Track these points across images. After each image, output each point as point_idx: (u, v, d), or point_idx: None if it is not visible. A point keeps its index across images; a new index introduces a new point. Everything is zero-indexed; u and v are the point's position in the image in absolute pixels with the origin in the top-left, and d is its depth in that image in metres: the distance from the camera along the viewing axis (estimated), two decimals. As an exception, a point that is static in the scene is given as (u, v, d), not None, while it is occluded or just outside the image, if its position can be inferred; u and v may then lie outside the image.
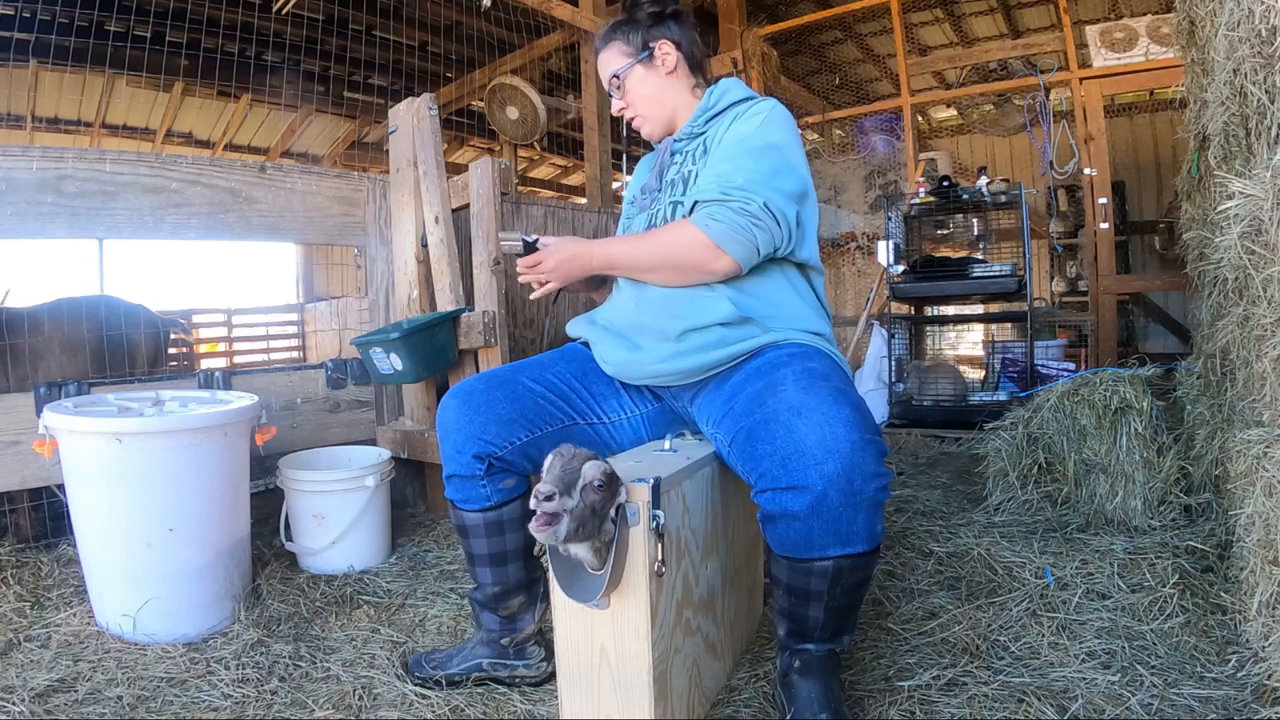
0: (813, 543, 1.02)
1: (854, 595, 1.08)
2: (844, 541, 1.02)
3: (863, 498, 1.00)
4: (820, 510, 1.00)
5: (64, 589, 1.73)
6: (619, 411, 1.38)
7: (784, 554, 1.06)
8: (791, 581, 1.07)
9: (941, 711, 1.18)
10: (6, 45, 4.42)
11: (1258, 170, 1.23)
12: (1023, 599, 1.56)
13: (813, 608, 1.07)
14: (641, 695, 1.05)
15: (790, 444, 1.01)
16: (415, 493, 2.54)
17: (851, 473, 0.98)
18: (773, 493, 1.03)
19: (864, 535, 1.02)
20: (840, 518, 1.00)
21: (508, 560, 1.32)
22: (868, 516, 1.02)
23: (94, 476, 1.49)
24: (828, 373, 1.12)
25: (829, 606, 1.06)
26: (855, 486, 0.99)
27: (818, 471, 0.99)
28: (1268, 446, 1.18)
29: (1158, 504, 1.93)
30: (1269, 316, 1.19)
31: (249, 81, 5.54)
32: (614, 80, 1.43)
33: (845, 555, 1.02)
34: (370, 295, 2.63)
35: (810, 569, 1.04)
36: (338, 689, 1.32)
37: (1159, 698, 1.18)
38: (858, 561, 1.04)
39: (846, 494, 0.99)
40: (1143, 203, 6.59)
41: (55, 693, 1.29)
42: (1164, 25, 3.94)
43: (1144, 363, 2.28)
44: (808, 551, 1.03)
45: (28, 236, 1.95)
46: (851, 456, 0.99)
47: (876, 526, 1.04)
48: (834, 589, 1.05)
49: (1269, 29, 1.16)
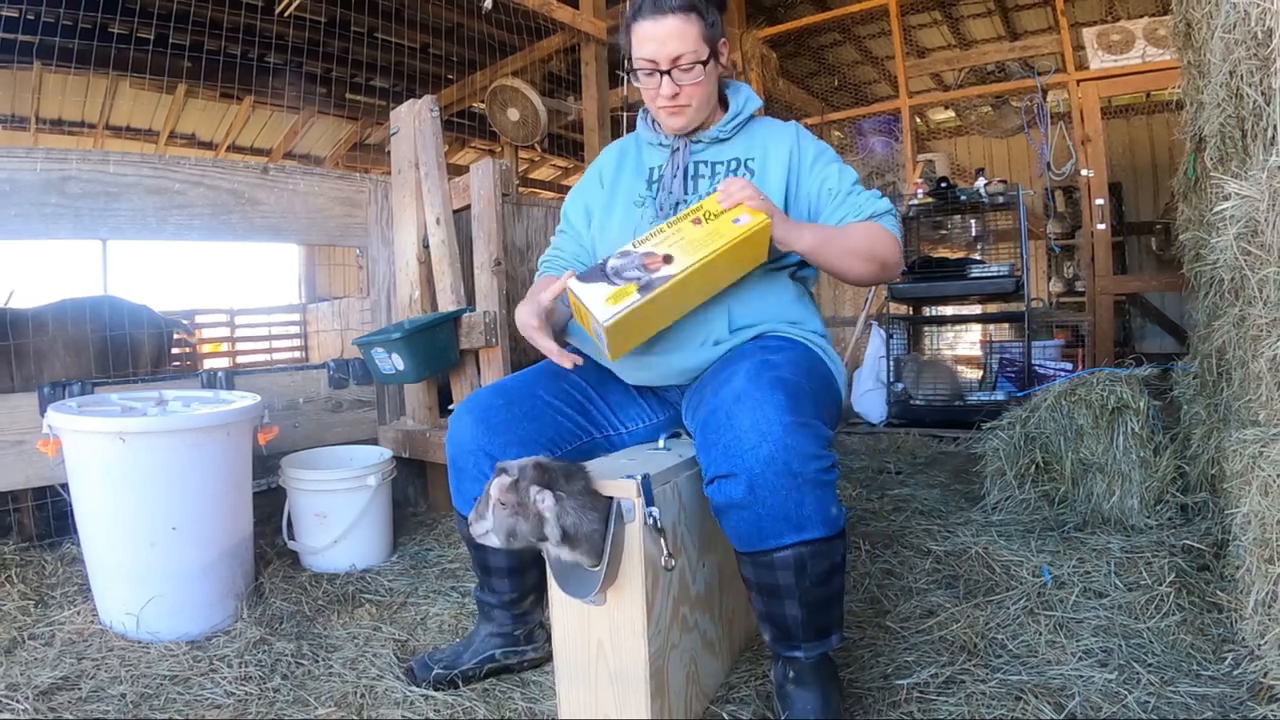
0: (765, 531, 1.01)
1: (826, 587, 1.06)
2: (797, 528, 1.01)
3: (803, 479, 0.99)
4: (759, 494, 0.99)
5: (68, 587, 1.73)
6: (637, 420, 1.35)
7: (744, 550, 1.05)
8: (759, 579, 1.06)
9: (940, 709, 1.18)
10: (11, 47, 4.42)
11: (1254, 172, 1.23)
12: (1020, 597, 1.55)
13: (787, 605, 1.05)
14: (638, 691, 1.05)
15: (730, 432, 1.01)
16: (417, 492, 2.54)
17: (786, 455, 0.98)
18: (718, 482, 1.03)
19: (817, 519, 1.01)
20: (786, 501, 0.99)
21: (526, 570, 1.33)
22: (816, 500, 1.01)
23: (98, 475, 1.49)
24: (782, 362, 1.10)
25: (803, 602, 1.04)
26: (793, 469, 0.98)
27: (753, 456, 0.99)
28: (1263, 446, 1.18)
29: (1154, 503, 1.93)
30: (1264, 317, 1.19)
31: (252, 83, 5.54)
32: (679, 59, 1.21)
33: (803, 542, 1.01)
34: (372, 296, 2.63)
35: (772, 562, 1.03)
36: (340, 687, 1.31)
37: (1155, 695, 1.18)
38: (818, 549, 1.02)
39: (784, 476, 0.98)
40: (1139, 204, 6.59)
41: (59, 690, 1.29)
42: (1160, 28, 3.94)
43: (1140, 363, 2.28)
44: (763, 542, 1.02)
45: (32, 237, 1.95)
46: (784, 439, 0.98)
47: (830, 510, 1.02)
48: (802, 581, 1.03)
49: (1265, 31, 1.16)
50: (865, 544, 1.92)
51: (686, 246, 1.08)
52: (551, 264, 1.43)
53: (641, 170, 1.37)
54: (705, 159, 1.32)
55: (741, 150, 1.31)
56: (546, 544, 1.03)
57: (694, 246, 1.08)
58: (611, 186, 1.38)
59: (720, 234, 1.08)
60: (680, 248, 1.08)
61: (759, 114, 1.36)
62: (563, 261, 1.41)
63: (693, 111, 1.27)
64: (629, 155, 1.41)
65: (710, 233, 1.09)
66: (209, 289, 7.09)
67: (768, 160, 1.29)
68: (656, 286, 1.06)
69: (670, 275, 1.06)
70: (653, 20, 1.20)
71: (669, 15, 1.19)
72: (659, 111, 1.29)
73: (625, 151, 1.42)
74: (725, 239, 1.08)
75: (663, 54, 1.20)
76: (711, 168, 1.31)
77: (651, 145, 1.37)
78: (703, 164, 1.31)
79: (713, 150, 1.32)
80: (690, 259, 1.07)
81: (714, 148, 1.33)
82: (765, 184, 1.27)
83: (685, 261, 1.07)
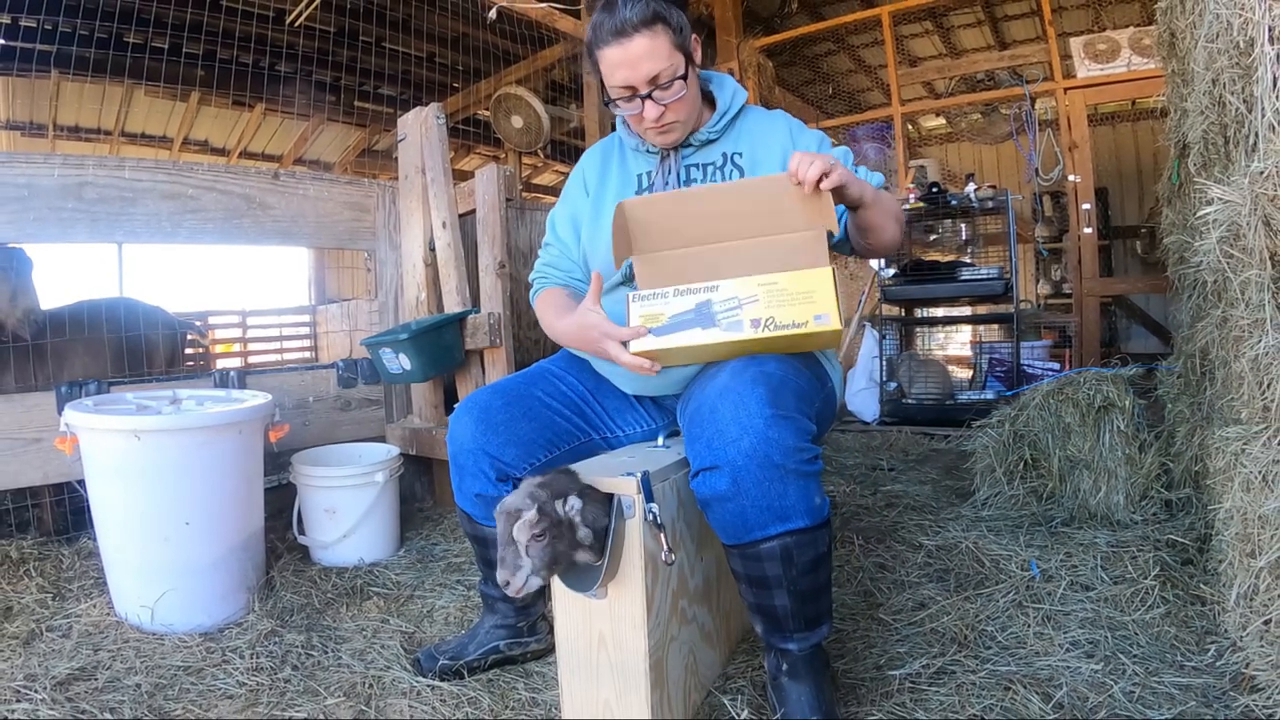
0: (749, 522, 1.01)
1: (814, 576, 1.05)
2: (782, 518, 1.00)
3: (785, 470, 0.98)
4: (743, 485, 0.99)
5: (84, 581, 1.73)
6: (634, 425, 1.35)
7: (731, 542, 1.05)
8: (748, 571, 1.05)
9: (930, 699, 1.17)
10: (29, 56, 4.42)
11: (1236, 177, 1.22)
12: (1009, 590, 1.55)
13: (776, 595, 1.04)
14: (638, 682, 1.05)
15: (713, 426, 1.01)
16: (423, 488, 2.54)
17: (768, 447, 0.97)
18: (703, 475, 1.03)
19: (800, 509, 1.00)
20: (769, 493, 0.99)
21: None
22: (799, 490, 1.00)
23: (113, 472, 1.49)
24: (768, 358, 1.07)
25: (792, 591, 1.03)
26: (775, 460, 0.98)
27: (735, 448, 0.98)
28: (1245, 443, 1.18)
29: (1139, 499, 1.93)
30: (1246, 318, 1.19)
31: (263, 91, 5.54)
32: (656, 78, 1.11)
33: (788, 532, 1.01)
34: (380, 297, 2.63)
35: (759, 553, 1.02)
36: (349, 677, 1.31)
37: (1140, 686, 1.18)
38: (802, 538, 1.01)
39: (766, 467, 0.98)
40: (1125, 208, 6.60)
41: (76, 680, 1.29)
42: (1145, 37, 3.93)
43: (1126, 363, 2.29)
44: (749, 533, 1.02)
45: (49, 241, 1.96)
46: (766, 432, 0.97)
47: (814, 500, 1.02)
48: (789, 571, 1.02)
49: (1246, 40, 1.16)
50: (859, 539, 1.92)
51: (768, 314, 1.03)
52: (548, 280, 1.39)
53: (628, 178, 1.31)
54: (696, 162, 1.27)
55: (729, 145, 1.26)
56: (579, 551, 1.01)
57: (773, 324, 1.02)
58: (597, 194, 1.32)
59: (796, 321, 1.02)
60: (765, 308, 1.03)
61: (747, 104, 1.31)
62: (558, 277, 1.38)
63: (681, 126, 1.21)
64: (612, 160, 1.34)
65: (792, 316, 1.02)
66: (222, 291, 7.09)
67: (756, 153, 1.25)
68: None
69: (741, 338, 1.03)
70: (618, 45, 1.10)
71: (633, 35, 1.09)
72: (646, 134, 1.22)
73: (608, 155, 1.35)
74: (798, 330, 1.02)
75: (637, 77, 1.12)
76: (703, 170, 1.26)
77: (637, 152, 1.31)
78: (694, 167, 1.26)
79: (703, 152, 1.27)
80: (754, 335, 1.03)
81: (705, 149, 1.27)
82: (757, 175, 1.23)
83: (752, 334, 1.03)
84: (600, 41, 1.13)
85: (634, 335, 1.06)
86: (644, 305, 1.08)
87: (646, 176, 1.30)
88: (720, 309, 1.04)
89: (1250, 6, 1.14)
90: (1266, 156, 1.09)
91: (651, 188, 1.28)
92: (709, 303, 1.05)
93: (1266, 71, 1.11)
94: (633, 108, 1.16)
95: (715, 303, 1.05)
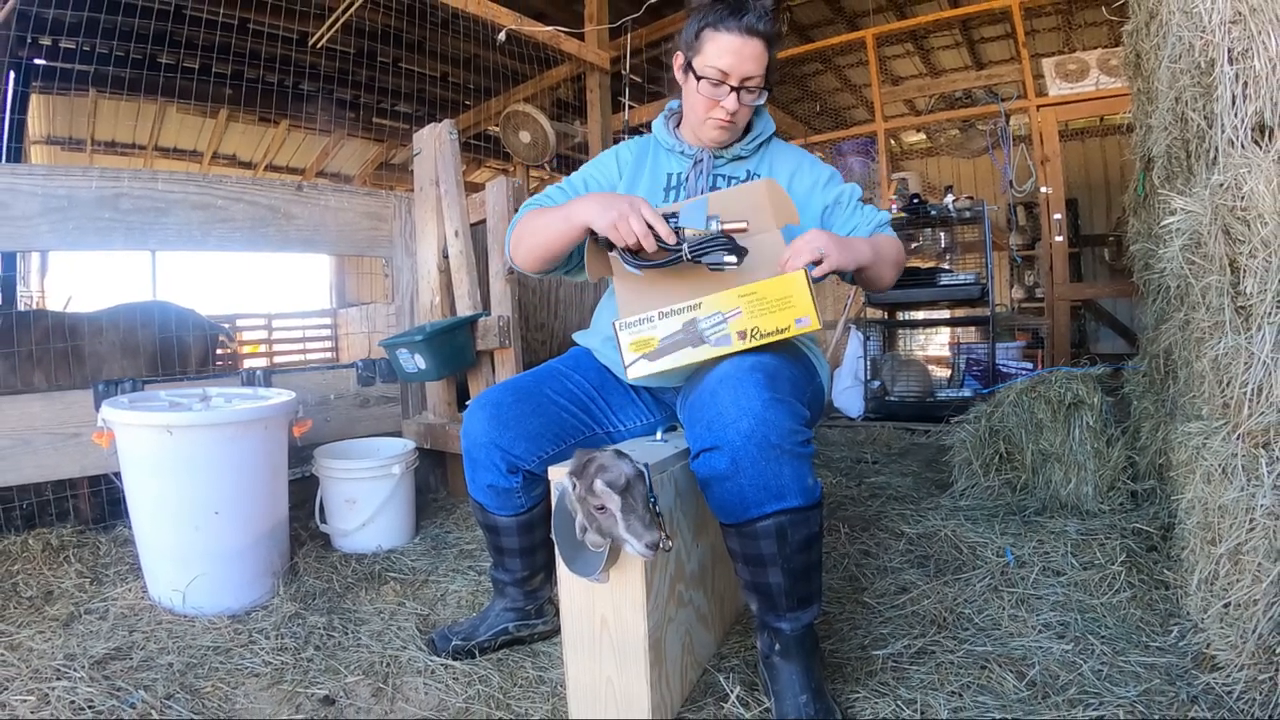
0: (747, 501, 1.00)
1: (806, 554, 1.05)
2: (777, 496, 1.00)
3: (781, 450, 0.98)
4: (741, 465, 0.98)
5: (120, 566, 1.73)
6: (635, 419, 1.34)
7: (729, 521, 1.05)
8: (745, 549, 1.05)
9: (912, 677, 1.17)
10: (69, 76, 4.42)
11: (1197, 189, 1.23)
12: (985, 575, 1.55)
13: (771, 573, 1.04)
14: (638, 660, 1.05)
15: (713, 409, 1.01)
16: (437, 480, 2.54)
17: (765, 428, 0.97)
18: (703, 456, 1.03)
19: (795, 489, 1.00)
20: (765, 472, 0.99)
21: (536, 550, 1.33)
22: (794, 470, 1.00)
23: (147, 465, 1.49)
24: (764, 350, 1.08)
25: (785, 569, 1.03)
26: (771, 440, 0.98)
27: (734, 429, 0.98)
28: (1206, 438, 1.18)
29: (1107, 490, 1.93)
30: (1207, 321, 1.19)
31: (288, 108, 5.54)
32: (749, 80, 1.18)
33: (783, 510, 1.00)
34: (397, 301, 2.63)
35: (755, 531, 1.02)
36: (367, 656, 1.32)
37: (1108, 664, 1.18)
38: (797, 517, 1.01)
39: (763, 447, 0.98)
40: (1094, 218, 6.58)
41: (112, 660, 1.29)
42: (1113, 58, 3.93)
43: (1095, 362, 2.28)
44: (746, 512, 1.01)
45: (88, 248, 1.96)
46: (763, 414, 0.98)
47: (807, 480, 1.02)
48: (784, 549, 1.02)
49: (1207, 61, 1.16)
50: (844, 527, 1.92)
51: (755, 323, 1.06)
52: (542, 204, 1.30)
53: (659, 176, 1.32)
54: (724, 173, 1.29)
55: (754, 165, 1.30)
56: (617, 529, 0.96)
57: (760, 332, 1.05)
58: (630, 182, 1.32)
59: (779, 327, 1.05)
60: (750, 320, 1.06)
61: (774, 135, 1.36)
62: None
63: (737, 130, 1.26)
64: (646, 157, 1.35)
65: (774, 324, 1.05)
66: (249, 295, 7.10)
67: (776, 178, 1.27)
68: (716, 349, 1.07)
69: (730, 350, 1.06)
70: (740, 37, 1.15)
71: (754, 39, 1.15)
72: (707, 123, 1.23)
73: (643, 153, 1.35)
74: (782, 335, 1.05)
75: (738, 71, 1.16)
76: (728, 181, 1.29)
77: (671, 152, 1.32)
78: (721, 177, 1.29)
79: (731, 166, 1.30)
80: (745, 345, 1.06)
81: (734, 163, 1.30)
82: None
83: (741, 345, 1.06)
84: (720, 24, 1.16)
85: (670, 210, 1.09)
86: (633, 332, 1.08)
87: (677, 176, 1.31)
88: (706, 326, 1.06)
89: (1211, 29, 1.14)
90: (1226, 170, 1.09)
91: (681, 186, 1.29)
92: (695, 320, 1.06)
93: (1226, 90, 1.11)
94: (718, 92, 1.19)
95: (701, 320, 1.06)
